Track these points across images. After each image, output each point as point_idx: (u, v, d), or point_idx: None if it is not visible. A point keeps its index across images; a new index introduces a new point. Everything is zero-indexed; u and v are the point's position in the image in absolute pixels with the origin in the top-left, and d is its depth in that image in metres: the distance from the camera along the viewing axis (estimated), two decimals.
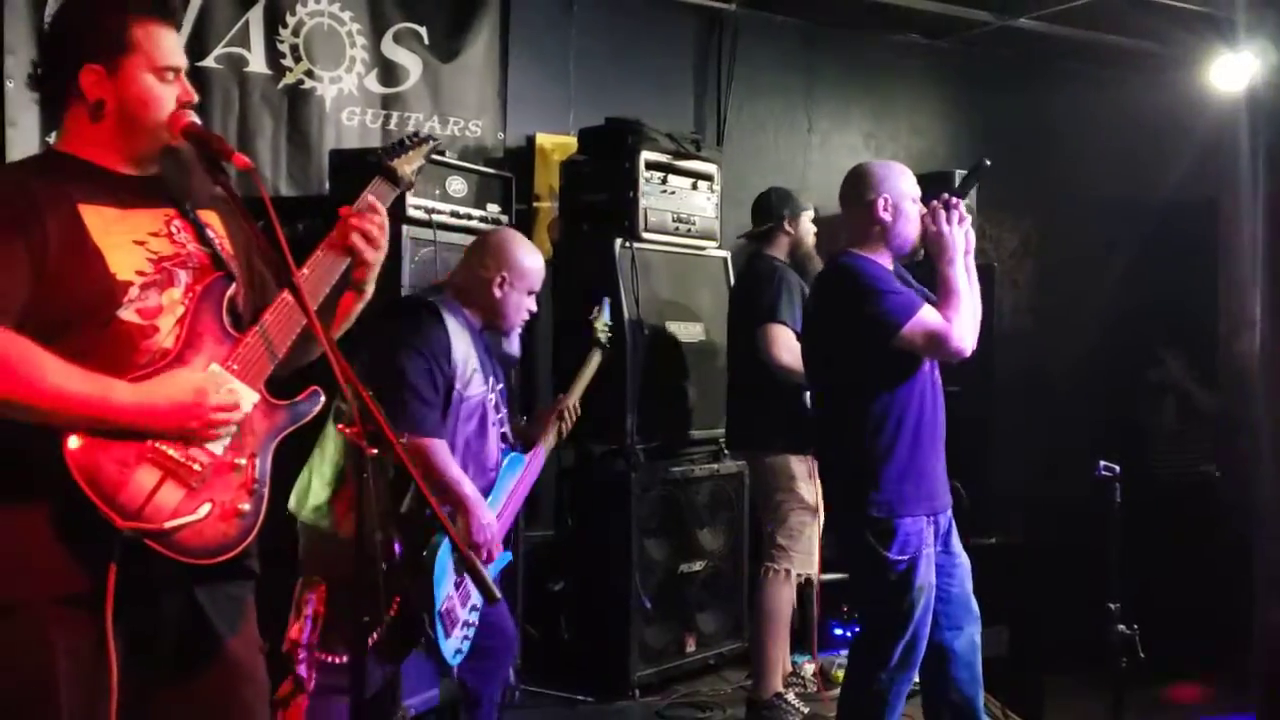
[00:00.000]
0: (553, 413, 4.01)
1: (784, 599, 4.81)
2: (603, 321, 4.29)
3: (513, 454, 3.81)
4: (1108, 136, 6.96)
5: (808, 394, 4.70)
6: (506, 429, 3.84)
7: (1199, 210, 6.53)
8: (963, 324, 3.49)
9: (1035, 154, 6.69)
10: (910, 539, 3.51)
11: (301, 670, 3.12)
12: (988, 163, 3.78)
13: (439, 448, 3.46)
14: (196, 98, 2.31)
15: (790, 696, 4.83)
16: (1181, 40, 6.52)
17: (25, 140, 4.68)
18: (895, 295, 3.49)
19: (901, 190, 3.63)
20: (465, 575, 3.49)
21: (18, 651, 2.11)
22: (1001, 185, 3.71)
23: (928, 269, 3.66)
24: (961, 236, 3.58)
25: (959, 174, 3.92)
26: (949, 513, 3.68)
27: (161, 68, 2.24)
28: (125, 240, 2.21)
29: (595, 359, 4.19)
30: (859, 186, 3.66)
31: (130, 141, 2.26)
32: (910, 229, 3.62)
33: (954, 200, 3.60)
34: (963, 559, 3.73)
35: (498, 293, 3.65)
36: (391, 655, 3.37)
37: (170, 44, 2.27)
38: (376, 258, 2.39)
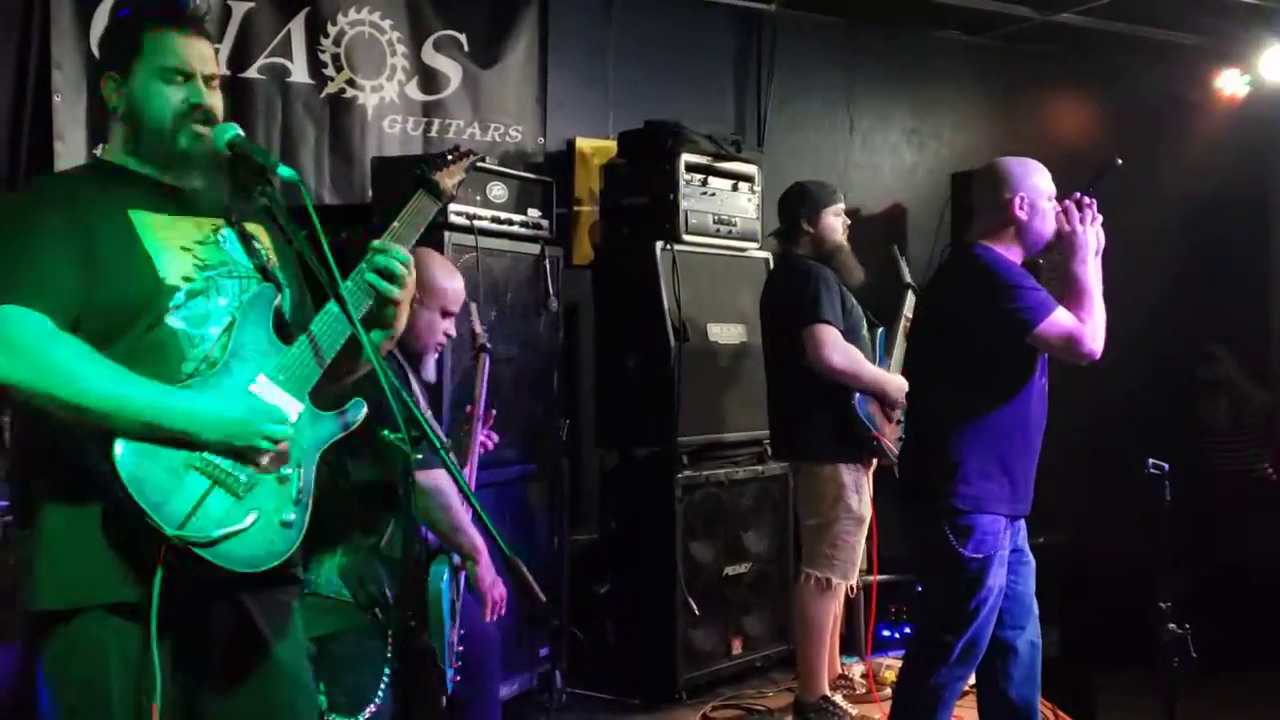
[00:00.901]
0: (473, 425, 3.89)
1: (825, 606, 4.73)
2: (479, 326, 4.14)
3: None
4: (1154, 131, 6.90)
5: (856, 397, 4.68)
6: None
7: (1249, 205, 6.48)
8: (1095, 325, 3.49)
9: (1080, 149, 6.64)
10: (987, 539, 3.50)
11: None
12: (1119, 161, 3.78)
13: (445, 479, 3.33)
14: (208, 102, 2.30)
15: (838, 699, 4.81)
16: (1229, 33, 6.46)
17: (72, 153, 4.77)
18: (1033, 292, 3.48)
19: (1038, 188, 3.63)
20: (457, 600, 3.48)
21: (76, 655, 2.16)
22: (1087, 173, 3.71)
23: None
24: (1094, 236, 3.58)
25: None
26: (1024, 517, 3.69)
27: (166, 68, 2.27)
28: (174, 246, 2.25)
29: (485, 363, 4.06)
30: (995, 184, 3.65)
31: (145, 143, 2.30)
32: (1045, 227, 3.61)
33: (1087, 199, 3.60)
34: (1029, 558, 3.73)
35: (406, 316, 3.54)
36: (406, 699, 3.30)
37: (179, 47, 2.28)
38: (401, 296, 2.35)
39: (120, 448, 2.06)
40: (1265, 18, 6.17)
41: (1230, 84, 6.53)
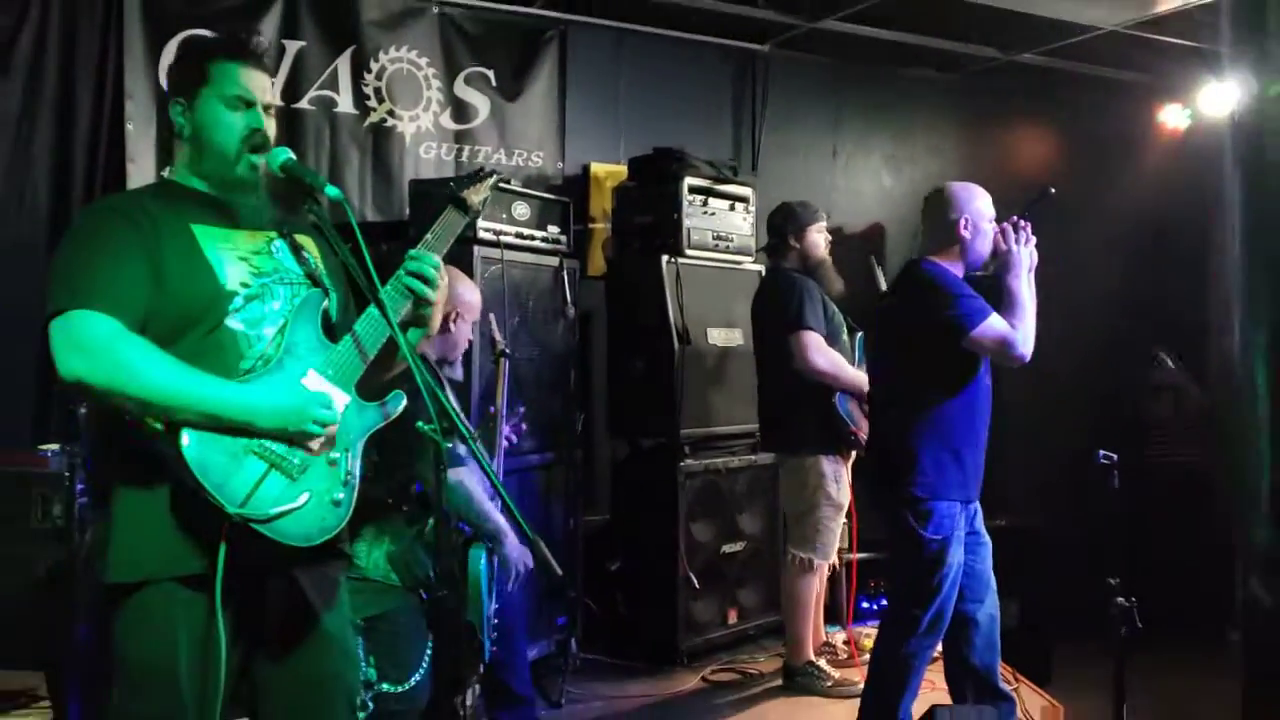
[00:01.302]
0: (497, 423, 3.94)
1: (808, 583, 4.75)
2: (499, 334, 4.20)
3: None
4: (1106, 158, 6.89)
5: (837, 395, 4.68)
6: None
7: (1189, 226, 6.45)
8: (1025, 332, 3.50)
9: (1038, 173, 6.63)
10: (944, 521, 3.51)
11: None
12: (1052, 190, 3.79)
13: (467, 474, 3.37)
14: (265, 125, 2.29)
15: (822, 663, 4.81)
16: (1171, 72, 6.45)
17: (143, 174, 4.80)
18: (969, 300, 3.49)
19: (980, 211, 3.64)
20: (494, 581, 3.48)
21: (147, 623, 2.14)
22: (1010, 201, 3.73)
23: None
24: (1027, 255, 3.60)
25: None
26: (978, 500, 3.69)
27: (230, 96, 2.25)
28: (232, 255, 2.24)
29: (505, 367, 4.10)
30: (943, 206, 3.66)
31: (209, 164, 2.28)
32: (985, 245, 3.63)
33: (1022, 222, 3.62)
34: (986, 539, 3.73)
35: (452, 327, 3.56)
36: (449, 672, 3.27)
37: (242, 78, 2.27)
38: (435, 297, 2.34)
39: (186, 437, 2.05)
40: (1203, 58, 6.16)
41: (1172, 118, 6.52)
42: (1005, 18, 6.03)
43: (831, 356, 4.64)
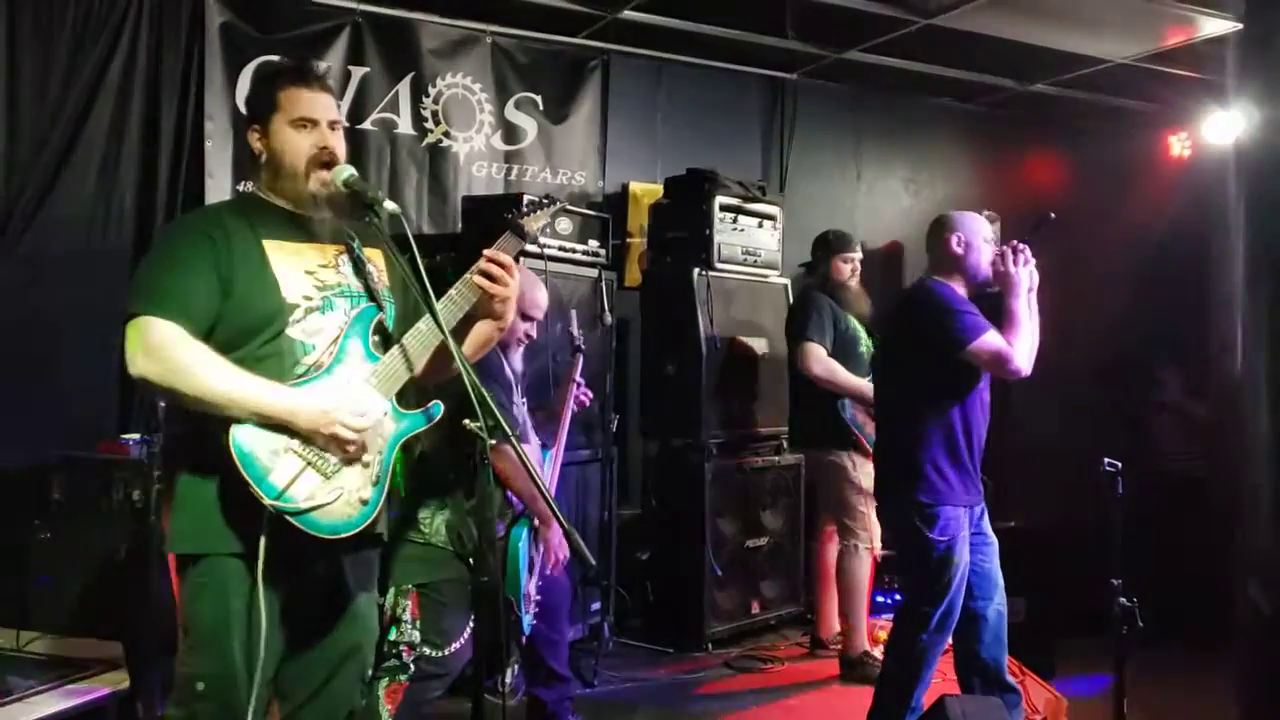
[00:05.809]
0: (566, 397, 3.94)
1: (862, 570, 4.80)
2: (578, 332, 4.20)
3: (544, 450, 3.75)
4: (1114, 183, 6.81)
5: (842, 402, 4.77)
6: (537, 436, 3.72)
7: (1192, 248, 6.37)
8: (1022, 348, 3.45)
9: (1051, 197, 6.56)
10: (950, 524, 3.47)
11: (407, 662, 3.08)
12: (1052, 215, 3.74)
13: (534, 451, 3.39)
14: (332, 144, 2.30)
15: (877, 653, 4.76)
16: (1177, 102, 6.37)
17: (220, 188, 4.84)
18: (967, 315, 3.46)
19: (972, 229, 3.61)
20: (536, 557, 3.46)
21: (205, 592, 2.20)
22: (1022, 223, 3.70)
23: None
24: (1026, 276, 3.54)
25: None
26: (982, 503, 3.65)
27: (297, 119, 2.28)
28: (298, 270, 2.25)
29: (579, 362, 4.10)
30: (940, 230, 3.65)
31: (282, 182, 2.30)
32: (980, 261, 3.58)
33: (1021, 245, 3.57)
34: (992, 538, 3.68)
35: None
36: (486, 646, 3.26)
37: (306, 101, 2.29)
38: (505, 293, 2.35)
39: (234, 433, 2.10)
40: (1207, 88, 6.08)
41: (1177, 145, 6.44)
42: (1021, 50, 5.98)
43: (828, 365, 4.75)
